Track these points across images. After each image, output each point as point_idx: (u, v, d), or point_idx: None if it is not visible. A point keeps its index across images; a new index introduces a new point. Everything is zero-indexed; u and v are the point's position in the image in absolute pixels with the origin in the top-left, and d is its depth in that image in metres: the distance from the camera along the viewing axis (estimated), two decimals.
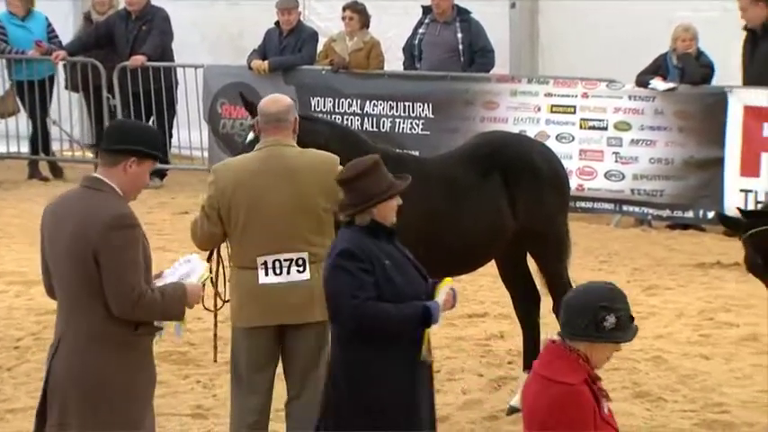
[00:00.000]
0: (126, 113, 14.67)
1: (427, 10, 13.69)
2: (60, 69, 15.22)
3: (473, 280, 9.91)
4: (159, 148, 5.57)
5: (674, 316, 9.99)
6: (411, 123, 13.65)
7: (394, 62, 14.03)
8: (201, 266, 5.71)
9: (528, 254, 8.27)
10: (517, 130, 12.36)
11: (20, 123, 15.30)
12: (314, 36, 14.24)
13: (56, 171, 15.40)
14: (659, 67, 12.67)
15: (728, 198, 11.94)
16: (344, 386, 5.78)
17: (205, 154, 14.74)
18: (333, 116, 13.56)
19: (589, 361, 4.81)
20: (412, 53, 13.74)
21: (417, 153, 12.02)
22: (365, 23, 13.84)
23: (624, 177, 12.71)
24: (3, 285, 10.81)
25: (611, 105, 12.78)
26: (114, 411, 5.39)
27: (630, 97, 12.72)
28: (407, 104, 13.62)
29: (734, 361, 8.99)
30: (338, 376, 5.82)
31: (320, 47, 14.16)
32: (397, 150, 9.29)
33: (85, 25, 15.42)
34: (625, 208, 12.80)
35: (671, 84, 12.52)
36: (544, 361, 4.87)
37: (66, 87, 15.35)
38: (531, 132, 12.55)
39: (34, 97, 14.91)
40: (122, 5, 15.08)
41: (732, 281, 10.71)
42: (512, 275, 8.35)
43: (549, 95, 13.03)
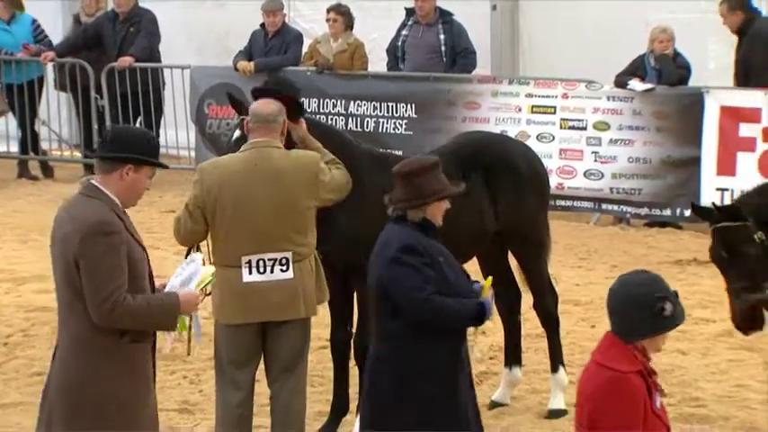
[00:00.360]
0: (114, 114, 14.66)
1: (410, 12, 13.70)
2: (50, 69, 15.20)
3: None
4: (156, 155, 5.47)
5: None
6: (394, 123, 13.66)
7: (378, 63, 14.04)
8: (206, 270, 5.62)
9: (509, 252, 8.28)
10: (498, 130, 12.38)
11: (9, 123, 15.27)
12: (299, 38, 14.24)
13: (46, 170, 15.39)
14: (637, 69, 12.70)
15: (705, 197, 11.96)
16: (392, 381, 5.76)
17: (192, 153, 14.74)
18: (317, 116, 13.53)
19: (645, 352, 4.75)
20: (395, 54, 13.75)
21: (401, 153, 12.00)
22: (349, 25, 13.85)
23: (603, 176, 12.74)
24: None
25: (590, 106, 12.81)
26: (97, 420, 5.26)
27: (609, 98, 12.75)
28: (391, 105, 13.63)
29: (710, 356, 9.02)
30: (384, 372, 5.79)
31: (305, 48, 14.16)
32: (381, 150, 9.29)
33: (75, 27, 15.40)
34: (604, 206, 12.83)
35: (649, 84, 12.56)
36: (601, 348, 4.80)
37: (55, 87, 15.32)
38: (512, 132, 12.57)
39: (23, 98, 14.88)
40: (111, 7, 15.06)
41: (708, 278, 10.73)
42: (493, 273, 8.32)
43: (530, 96, 13.06)
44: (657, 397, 4.76)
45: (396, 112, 13.63)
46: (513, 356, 8.22)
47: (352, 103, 13.79)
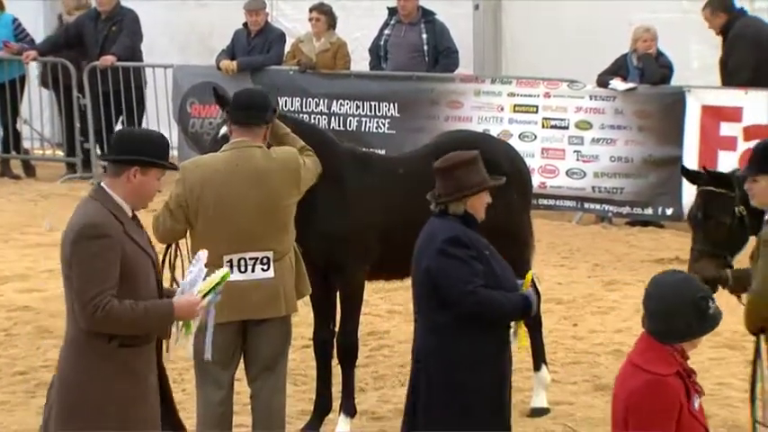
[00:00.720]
0: (96, 113, 14.62)
1: (393, 11, 13.68)
2: (33, 68, 15.14)
3: None
4: (164, 156, 5.39)
5: (634, 310, 10.01)
6: (377, 122, 13.64)
7: (360, 62, 14.02)
8: (219, 272, 5.56)
9: None
10: (481, 129, 12.35)
11: None
12: (281, 37, 14.21)
13: (28, 169, 15.34)
14: (620, 68, 12.71)
15: (687, 195, 11.94)
16: (441, 374, 5.75)
17: (174, 152, 14.66)
18: (300, 115, 13.52)
19: (684, 353, 4.68)
20: (378, 54, 13.73)
21: (383, 152, 12.02)
22: (332, 24, 13.82)
23: (585, 175, 12.74)
24: None
25: (572, 105, 12.81)
26: (90, 421, 5.22)
27: (591, 97, 12.75)
28: (373, 104, 13.61)
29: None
30: (430, 364, 5.78)
31: (288, 47, 14.14)
32: (364, 149, 9.26)
33: (58, 26, 15.36)
34: (586, 205, 12.83)
35: (631, 84, 12.56)
36: (638, 350, 4.75)
37: (39, 84, 15.27)
38: (495, 131, 12.56)
39: (5, 97, 14.81)
40: (93, 5, 15.01)
41: None
42: None
43: (512, 95, 13.05)
44: (696, 398, 4.69)
45: (378, 112, 13.61)
46: None
47: (334, 103, 13.77)
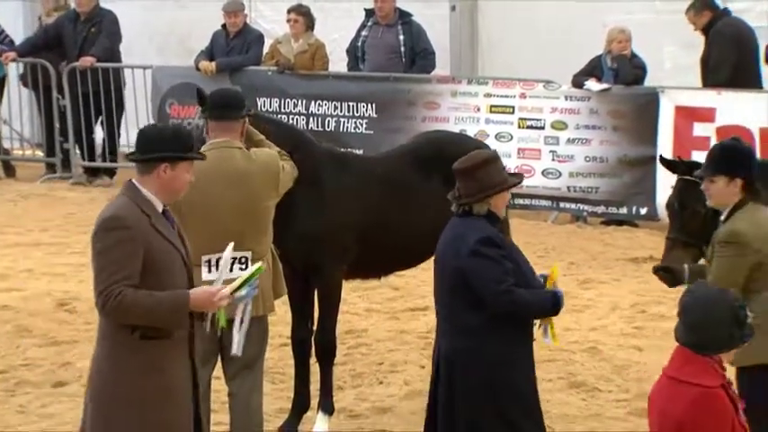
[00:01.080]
0: (75, 113, 14.59)
1: (370, 13, 13.70)
2: (12, 68, 15.10)
3: (415, 275, 9.92)
4: (191, 148, 5.43)
5: (609, 309, 10.06)
6: (355, 123, 13.65)
7: (338, 63, 14.03)
8: (254, 266, 5.55)
9: None
10: (458, 130, 12.38)
11: None
12: (260, 38, 14.22)
13: (8, 169, 15.30)
14: (594, 69, 12.75)
15: (661, 195, 12.01)
16: (474, 375, 5.75)
17: None
18: (279, 116, 13.53)
19: (722, 364, 4.61)
20: (355, 55, 13.75)
21: (361, 152, 12.02)
22: (310, 26, 13.83)
23: (561, 175, 12.78)
24: None
25: (547, 105, 12.85)
26: (113, 410, 5.22)
27: (566, 98, 12.79)
28: (351, 104, 13.62)
29: (666, 352, 8.97)
30: (463, 365, 5.77)
31: (266, 48, 14.14)
32: (342, 149, 9.28)
33: (38, 27, 15.33)
34: (562, 205, 12.87)
35: (605, 84, 12.61)
36: (675, 364, 4.65)
37: (20, 83, 15.23)
38: (471, 132, 12.59)
39: None
40: (72, 7, 14.98)
41: None
42: None
43: (489, 96, 13.08)
44: (739, 408, 4.63)
45: (356, 112, 13.62)
46: None
47: (313, 103, 13.78)
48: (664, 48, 13.49)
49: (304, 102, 13.79)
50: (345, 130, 13.62)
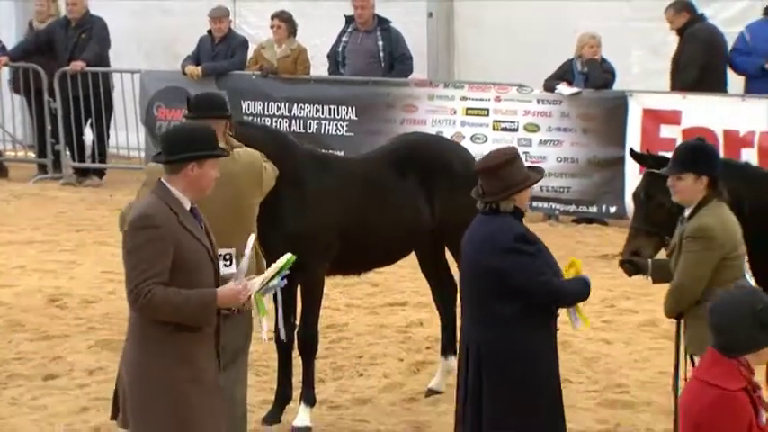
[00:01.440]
0: (66, 116, 14.58)
1: (350, 19, 13.72)
2: (5, 73, 15.07)
3: (394, 271, 9.95)
4: (215, 146, 5.40)
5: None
6: (336, 125, 13.67)
7: (320, 68, 14.05)
8: (283, 258, 5.51)
9: (445, 248, 8.31)
10: (435, 132, 12.43)
11: None
12: (244, 43, 14.23)
13: (1, 170, 15.28)
14: (565, 73, 12.80)
15: (629, 194, 12.06)
16: (507, 365, 5.75)
17: (142, 154, 14.68)
18: (262, 119, 13.57)
19: (750, 367, 4.53)
20: (336, 59, 13.77)
21: (342, 153, 12.05)
22: (292, 31, 13.85)
23: None
24: None
25: (521, 108, 12.89)
26: (143, 401, 5.24)
27: (539, 101, 12.84)
28: (332, 107, 13.64)
29: (633, 345, 9.11)
30: (496, 356, 5.76)
31: (250, 53, 14.15)
32: (323, 151, 9.29)
33: (29, 32, 15.29)
34: (534, 204, 12.90)
35: (575, 89, 12.66)
36: (704, 365, 4.59)
37: (10, 89, 15.20)
38: (448, 133, 12.62)
39: None
40: (64, 14, 14.96)
41: None
42: (431, 267, 8.39)
43: (465, 99, 13.12)
44: (763, 412, 4.54)
45: (337, 115, 13.64)
46: (449, 346, 8.26)
47: (295, 106, 13.79)
48: (632, 53, 13.57)
49: (287, 105, 13.80)
50: (327, 133, 13.65)
